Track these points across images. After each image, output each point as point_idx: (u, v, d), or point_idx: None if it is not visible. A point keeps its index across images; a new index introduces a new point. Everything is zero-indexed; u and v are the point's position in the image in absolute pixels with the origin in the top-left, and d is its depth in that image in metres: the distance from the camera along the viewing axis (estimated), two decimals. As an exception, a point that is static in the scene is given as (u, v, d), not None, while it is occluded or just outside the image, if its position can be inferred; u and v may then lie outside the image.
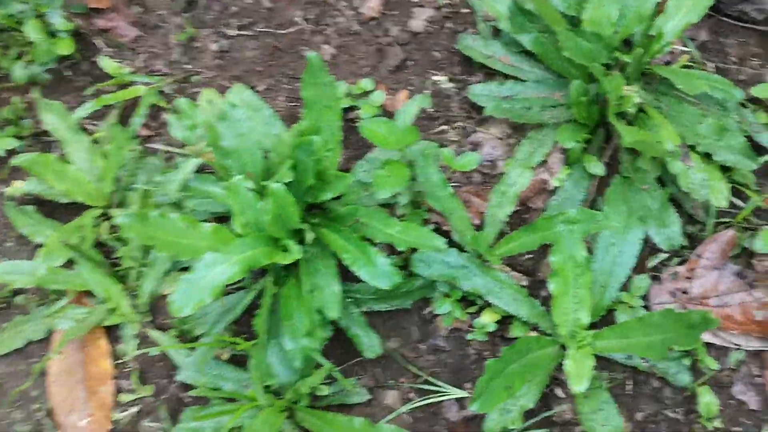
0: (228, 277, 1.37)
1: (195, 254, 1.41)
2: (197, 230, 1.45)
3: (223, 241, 1.45)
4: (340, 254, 1.44)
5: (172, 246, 1.41)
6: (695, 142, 1.64)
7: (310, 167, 1.38)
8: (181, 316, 1.35)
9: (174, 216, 1.41)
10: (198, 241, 1.44)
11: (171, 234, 1.41)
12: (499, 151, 1.81)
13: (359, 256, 1.42)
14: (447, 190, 1.62)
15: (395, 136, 1.51)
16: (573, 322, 1.52)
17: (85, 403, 1.67)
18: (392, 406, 1.67)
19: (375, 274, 1.40)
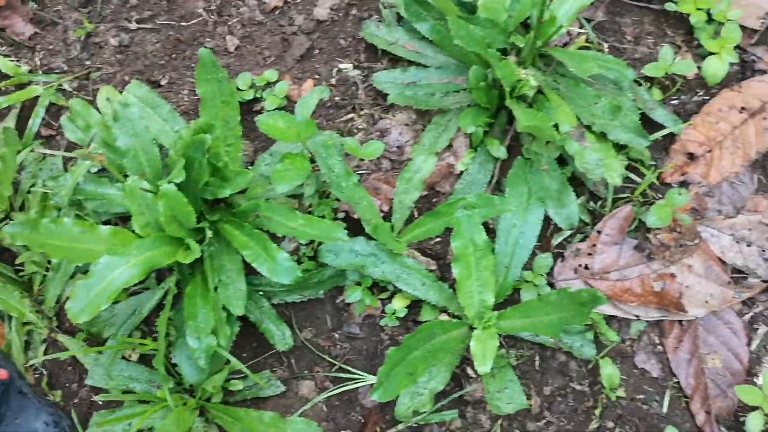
0: (126, 280, 1.36)
1: (91, 259, 1.39)
2: (94, 234, 1.43)
3: (122, 244, 1.44)
4: (241, 250, 1.44)
5: (66, 252, 1.39)
6: (591, 122, 1.68)
7: (204, 165, 1.38)
8: (80, 322, 1.33)
9: (68, 221, 1.39)
10: (95, 245, 1.42)
11: (65, 240, 1.39)
12: (405, 137, 1.82)
13: (260, 253, 1.42)
14: (351, 180, 1.63)
15: (294, 129, 1.51)
16: (479, 303, 1.56)
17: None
18: (307, 396, 1.68)
19: (275, 270, 1.40)
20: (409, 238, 1.65)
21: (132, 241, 1.44)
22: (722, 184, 1.82)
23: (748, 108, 1.87)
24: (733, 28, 1.80)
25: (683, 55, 1.87)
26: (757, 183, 1.84)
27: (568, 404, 1.65)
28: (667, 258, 1.70)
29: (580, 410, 1.65)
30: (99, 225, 1.42)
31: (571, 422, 1.64)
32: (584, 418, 1.65)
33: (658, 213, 1.64)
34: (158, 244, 1.43)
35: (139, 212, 1.44)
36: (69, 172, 1.42)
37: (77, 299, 1.33)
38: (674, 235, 1.70)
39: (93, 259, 1.38)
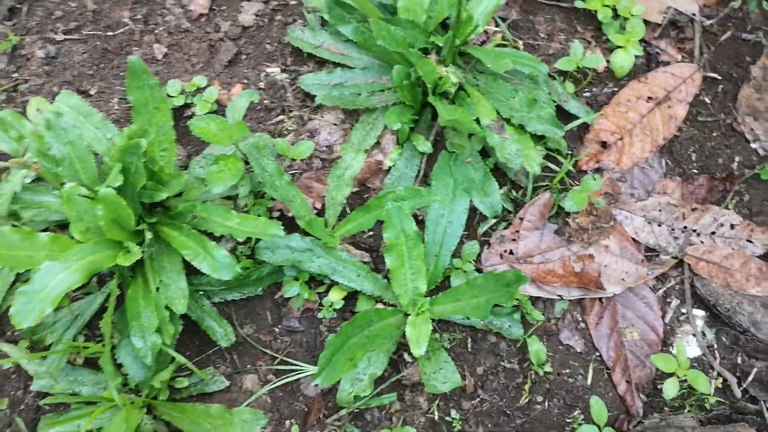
0: (69, 285, 1.41)
1: (32, 265, 1.43)
2: (33, 241, 1.47)
3: (62, 249, 1.48)
4: (180, 250, 1.50)
5: (6, 260, 1.42)
6: (510, 116, 1.80)
7: (141, 169, 1.43)
8: (23, 327, 1.37)
9: (5, 229, 1.43)
10: (34, 252, 1.46)
11: (4, 248, 1.42)
12: (335, 136, 1.91)
13: (199, 251, 1.49)
14: (284, 179, 1.71)
15: (226, 132, 1.58)
16: (412, 291, 1.65)
17: (-63, 426, 1.66)
18: (252, 389, 1.75)
19: (215, 267, 1.47)
20: (342, 233, 1.74)
21: (71, 246, 1.49)
22: (633, 169, 1.98)
23: (654, 97, 2.02)
24: (637, 23, 1.95)
25: (593, 50, 2.02)
26: (665, 167, 2.00)
27: (500, 382, 1.77)
28: (586, 240, 1.83)
29: (511, 387, 1.77)
30: (38, 232, 1.46)
31: (504, 398, 1.76)
32: (515, 394, 1.77)
33: (575, 198, 1.77)
34: (98, 248, 1.48)
35: (78, 218, 1.48)
36: (4, 182, 1.46)
37: (20, 305, 1.37)
38: (591, 218, 1.84)
39: (33, 266, 1.43)
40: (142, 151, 1.40)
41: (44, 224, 1.66)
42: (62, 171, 1.52)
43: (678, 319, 1.87)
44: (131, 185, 1.46)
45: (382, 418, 1.73)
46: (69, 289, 1.41)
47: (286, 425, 1.73)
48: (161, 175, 1.53)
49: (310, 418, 1.72)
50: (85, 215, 1.49)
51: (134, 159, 1.43)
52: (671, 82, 2.06)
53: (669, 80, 2.06)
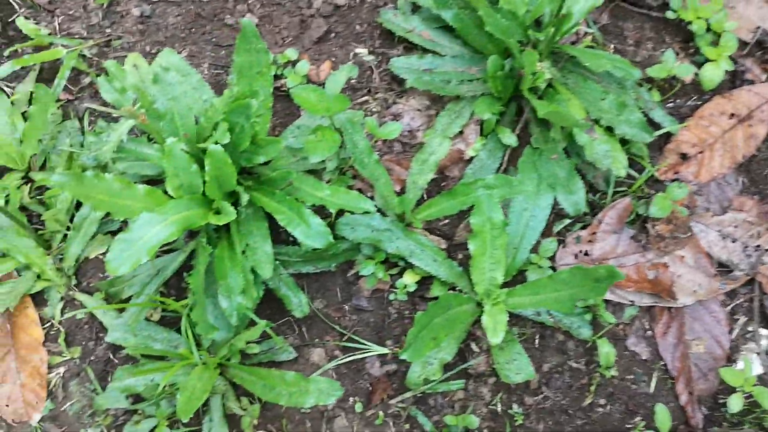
0: (165, 237, 1.44)
1: (130, 214, 1.47)
2: (132, 191, 1.50)
3: (156, 203, 1.52)
4: (275, 215, 1.53)
5: (107, 205, 1.46)
6: (598, 117, 1.82)
7: (247, 130, 1.47)
8: (119, 274, 1.41)
9: (109, 176, 1.46)
10: (133, 202, 1.50)
11: (107, 194, 1.46)
12: (418, 122, 1.94)
13: (294, 217, 1.52)
14: (373, 157, 1.74)
15: (325, 103, 1.62)
16: (489, 281, 1.68)
17: (16, 373, 1.70)
18: (318, 363, 1.78)
19: (309, 234, 1.51)
20: (424, 216, 1.77)
21: (165, 201, 1.53)
22: (711, 183, 1.99)
23: (737, 114, 2.04)
24: (730, 38, 1.97)
25: (681, 60, 2.04)
26: (741, 185, 2.02)
27: (565, 381, 1.79)
28: (662, 248, 1.86)
29: (575, 387, 1.79)
30: (135, 184, 1.50)
31: (566, 398, 1.78)
32: (578, 395, 1.79)
33: (660, 204, 1.79)
34: (192, 204, 1.51)
35: (174, 173, 1.52)
36: (113, 130, 1.49)
37: (117, 252, 1.41)
38: (670, 227, 1.86)
39: (132, 215, 1.47)
40: (251, 111, 1.43)
41: (134, 178, 1.71)
42: (164, 125, 1.56)
43: (744, 336, 1.89)
44: (235, 145, 1.49)
45: (445, 405, 1.76)
46: (165, 240, 1.44)
47: (350, 402, 1.76)
48: (257, 139, 1.56)
49: (374, 398, 1.75)
50: (182, 171, 1.52)
51: (241, 119, 1.46)
52: (755, 101, 2.08)
53: (753, 99, 2.08)
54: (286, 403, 1.57)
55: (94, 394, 1.71)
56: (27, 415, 1.68)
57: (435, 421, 1.75)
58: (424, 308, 1.81)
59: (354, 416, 1.75)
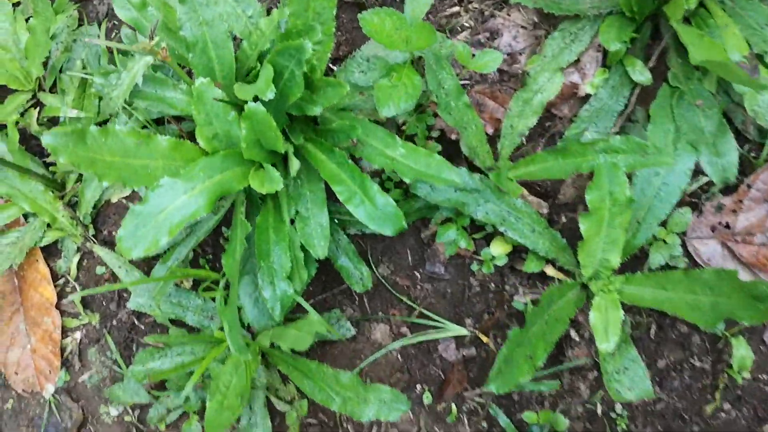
0: (191, 212, 1.16)
1: (148, 180, 1.17)
2: (150, 146, 1.20)
3: (184, 159, 1.22)
4: (331, 184, 1.22)
5: (118, 171, 1.17)
6: (764, 50, 1.40)
7: (299, 79, 1.13)
8: (131, 257, 1.14)
9: (120, 130, 1.16)
10: (151, 161, 1.20)
11: (117, 154, 1.17)
12: (521, 43, 1.55)
13: (355, 191, 1.20)
14: (462, 100, 1.38)
15: (403, 33, 1.25)
16: (600, 262, 1.36)
17: (26, 336, 1.49)
18: (381, 341, 1.52)
19: (375, 217, 1.19)
20: (520, 174, 1.42)
21: (196, 156, 1.23)
22: None
23: None
24: None
25: None
26: None
27: (684, 381, 1.49)
28: (827, 225, 1.48)
29: (695, 388, 1.49)
30: (156, 136, 1.19)
31: (683, 400, 1.49)
32: (698, 397, 1.49)
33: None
34: (228, 163, 1.21)
35: (206, 121, 1.21)
36: (125, 69, 1.17)
37: (131, 228, 1.13)
38: (841, 198, 1.47)
39: (150, 181, 1.17)
40: (305, 56, 1.08)
41: (158, 115, 1.40)
42: (193, 59, 1.23)
43: None
44: (282, 96, 1.16)
45: (532, 401, 1.49)
46: (192, 217, 1.15)
47: (417, 390, 1.51)
48: (313, 78, 1.22)
49: (448, 389, 1.49)
50: (216, 119, 1.21)
51: (291, 64, 1.12)
52: None
53: None
54: (339, 409, 1.32)
55: (115, 366, 1.49)
56: (39, 384, 1.48)
57: (518, 420, 1.49)
58: (514, 282, 1.52)
59: (420, 409, 1.50)
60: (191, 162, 1.21)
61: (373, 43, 1.42)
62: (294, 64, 1.11)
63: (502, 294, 1.52)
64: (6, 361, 1.49)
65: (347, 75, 1.36)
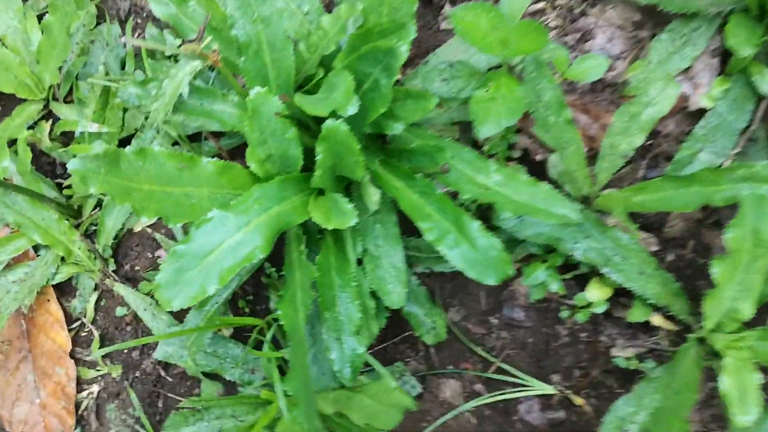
0: (246, 255, 0.94)
1: (192, 213, 0.96)
2: (194, 170, 0.99)
3: (234, 186, 1.01)
4: (416, 220, 1.00)
5: (158, 201, 0.95)
6: None
7: (385, 90, 0.91)
8: (173, 308, 0.92)
9: (158, 151, 0.94)
10: (195, 188, 0.99)
11: (156, 181, 0.95)
12: (617, 46, 1.34)
13: (448, 230, 0.98)
14: (563, 114, 1.17)
15: (500, 33, 1.02)
16: (726, 312, 1.13)
17: (34, 389, 1.27)
18: (451, 400, 1.30)
19: (475, 262, 0.97)
20: (629, 206, 1.20)
21: (245, 182, 1.01)
22: None
23: None
24: None
25: None
26: None
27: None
28: None
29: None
30: (201, 158, 0.98)
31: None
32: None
33: None
34: (286, 191, 1.00)
35: (261, 141, 0.99)
36: (167, 76, 0.94)
37: (171, 274, 0.92)
38: None
39: (194, 215, 0.95)
40: (398, 62, 0.86)
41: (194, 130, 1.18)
42: (245, 64, 1.01)
43: None
44: (362, 112, 0.94)
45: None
46: (248, 260, 0.94)
47: (495, 459, 1.28)
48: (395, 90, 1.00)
49: (533, 460, 1.27)
50: (272, 137, 0.99)
51: (377, 71, 0.90)
52: None
53: None
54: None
55: (138, 426, 1.27)
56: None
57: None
58: (611, 332, 1.30)
59: (500, 482, 1.28)
60: (239, 189, 1.00)
61: (453, 45, 1.20)
62: (380, 72, 0.89)
63: (597, 346, 1.30)
64: (11, 419, 1.27)
65: (424, 84, 1.13)
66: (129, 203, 0.91)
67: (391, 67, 0.87)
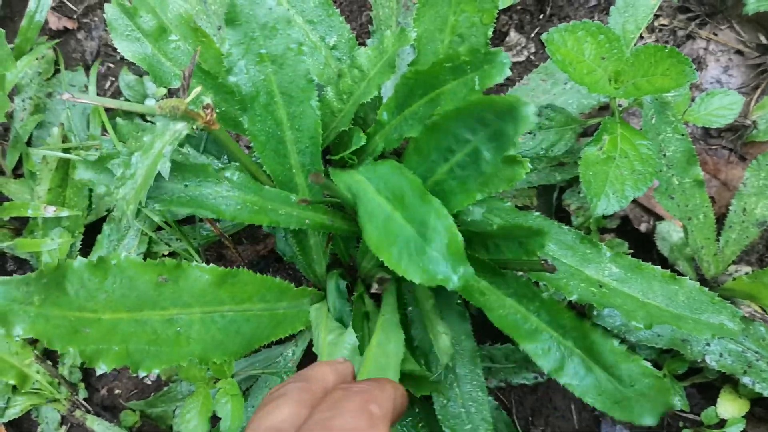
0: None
1: (178, 354, 0.64)
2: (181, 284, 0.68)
3: (239, 301, 0.70)
4: (516, 338, 0.69)
5: (124, 337, 0.64)
6: None
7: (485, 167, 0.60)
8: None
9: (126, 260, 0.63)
10: (183, 309, 0.68)
11: (121, 305, 0.64)
12: (736, 77, 1.05)
13: (571, 353, 0.68)
14: (692, 174, 0.86)
15: (614, 65, 0.72)
16: None
17: None
18: None
19: (620, 398, 0.66)
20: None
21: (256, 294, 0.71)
22: None
23: None
24: None
25: None
26: None
27: None
28: None
29: None
30: (189, 266, 0.67)
31: None
32: None
33: None
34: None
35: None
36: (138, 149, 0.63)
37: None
38: None
39: (180, 356, 0.64)
40: (520, 131, 0.54)
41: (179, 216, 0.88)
42: (250, 124, 0.71)
43: None
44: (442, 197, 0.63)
45: None
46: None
47: None
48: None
49: None
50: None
51: (479, 139, 0.58)
52: None
53: None
54: None
55: None
56: None
57: None
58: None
59: None
60: (247, 304, 0.69)
61: (533, 82, 0.90)
62: (485, 141, 0.57)
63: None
64: None
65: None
66: (76, 347, 0.61)
67: (504, 136, 0.55)
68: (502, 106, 0.54)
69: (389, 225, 0.66)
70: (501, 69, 0.59)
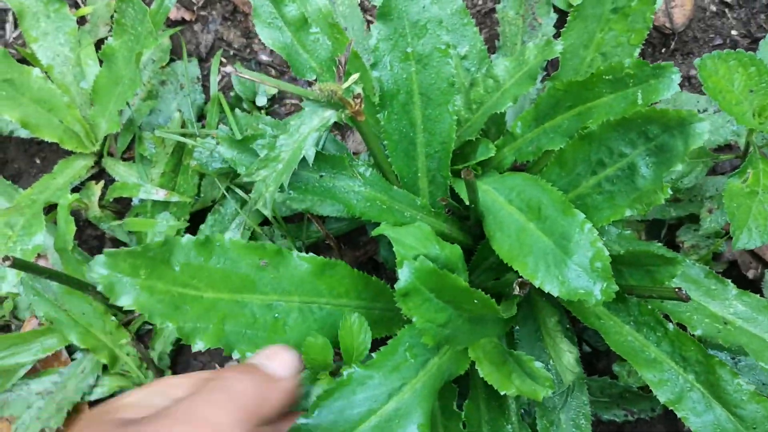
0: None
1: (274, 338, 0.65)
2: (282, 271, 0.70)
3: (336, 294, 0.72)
4: (637, 368, 0.67)
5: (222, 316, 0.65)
6: None
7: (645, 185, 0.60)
8: None
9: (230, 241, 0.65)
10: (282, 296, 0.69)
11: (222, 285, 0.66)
12: None
13: (691, 387, 0.66)
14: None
15: (760, 99, 0.71)
16: None
17: None
18: None
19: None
20: None
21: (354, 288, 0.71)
22: None
23: None
24: None
25: None
26: None
27: None
28: None
29: None
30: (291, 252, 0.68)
31: None
32: None
33: None
34: (457, 323, 0.67)
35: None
36: (284, 133, 0.63)
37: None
38: None
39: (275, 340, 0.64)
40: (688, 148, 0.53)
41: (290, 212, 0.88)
42: (388, 122, 0.71)
43: None
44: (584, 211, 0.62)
45: None
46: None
47: None
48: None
49: None
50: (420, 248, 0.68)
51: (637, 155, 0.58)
52: None
53: None
54: None
55: None
56: None
57: None
58: None
59: None
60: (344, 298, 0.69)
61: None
62: (644, 156, 0.57)
63: None
64: None
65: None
66: (174, 323, 0.61)
67: (670, 152, 0.54)
68: (672, 120, 0.53)
69: (522, 236, 0.65)
70: (669, 84, 0.59)
